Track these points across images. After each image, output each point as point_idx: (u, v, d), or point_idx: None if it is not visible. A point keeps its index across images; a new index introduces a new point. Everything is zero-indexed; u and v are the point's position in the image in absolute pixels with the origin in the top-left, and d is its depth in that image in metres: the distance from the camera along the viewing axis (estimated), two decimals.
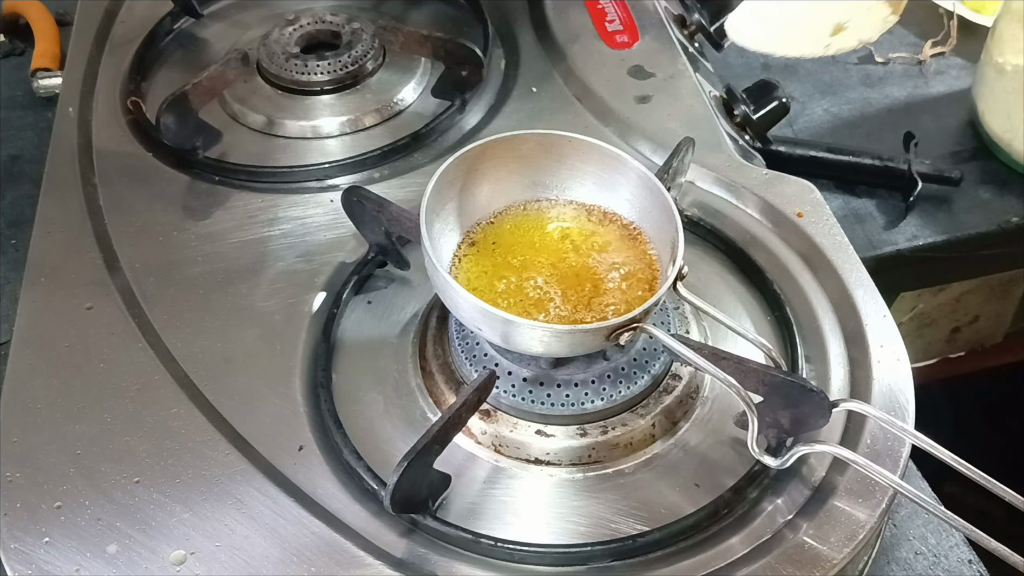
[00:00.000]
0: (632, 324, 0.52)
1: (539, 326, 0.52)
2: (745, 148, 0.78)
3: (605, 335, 0.52)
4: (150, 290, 0.66)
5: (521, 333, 0.52)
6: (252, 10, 0.91)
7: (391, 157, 0.76)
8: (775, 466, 0.52)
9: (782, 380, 0.53)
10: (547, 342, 0.52)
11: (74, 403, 0.59)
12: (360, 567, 0.51)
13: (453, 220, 0.59)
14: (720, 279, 0.67)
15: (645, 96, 0.79)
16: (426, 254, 0.54)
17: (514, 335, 0.52)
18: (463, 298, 0.52)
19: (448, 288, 0.53)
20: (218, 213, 0.72)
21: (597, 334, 0.51)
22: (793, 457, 0.52)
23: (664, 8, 0.88)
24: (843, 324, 0.63)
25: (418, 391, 0.61)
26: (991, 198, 0.89)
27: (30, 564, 0.51)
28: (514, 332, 0.52)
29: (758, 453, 0.51)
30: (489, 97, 0.81)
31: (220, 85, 0.78)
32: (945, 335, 1.04)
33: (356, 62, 0.81)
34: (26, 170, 0.86)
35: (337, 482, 0.55)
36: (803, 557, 0.51)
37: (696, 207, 0.71)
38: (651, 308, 0.52)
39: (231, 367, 0.61)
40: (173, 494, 0.54)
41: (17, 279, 0.69)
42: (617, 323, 0.51)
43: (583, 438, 0.57)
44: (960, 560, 0.59)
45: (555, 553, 0.52)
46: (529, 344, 0.53)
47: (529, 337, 0.52)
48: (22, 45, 0.99)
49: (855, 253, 0.66)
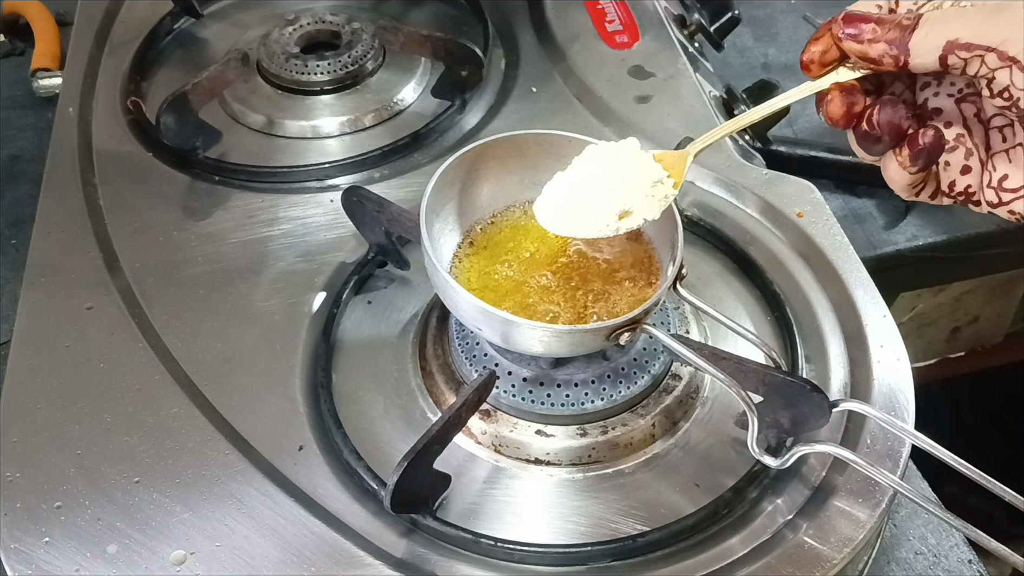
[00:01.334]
0: (632, 324, 0.52)
1: (539, 326, 0.52)
2: (745, 148, 0.78)
3: (605, 335, 0.52)
4: (150, 290, 0.66)
5: (521, 333, 0.52)
6: (252, 10, 0.91)
7: (391, 157, 0.76)
8: (775, 466, 0.52)
9: (782, 380, 0.53)
10: (547, 342, 0.52)
11: (74, 403, 0.59)
12: (360, 567, 0.51)
13: (453, 220, 0.59)
14: (720, 279, 0.67)
15: (645, 96, 0.79)
16: (426, 254, 0.54)
17: (514, 335, 0.52)
18: (463, 298, 0.52)
19: (448, 288, 0.53)
20: (218, 213, 0.72)
21: (597, 334, 0.52)
22: (793, 457, 0.52)
23: (664, 8, 0.88)
24: (843, 324, 0.63)
25: (418, 391, 0.61)
26: None
27: (30, 564, 0.51)
28: (514, 332, 0.52)
29: (758, 453, 0.51)
30: (489, 97, 0.81)
31: (220, 85, 0.78)
32: (945, 335, 1.04)
33: (356, 62, 0.81)
34: (26, 170, 0.86)
35: (337, 482, 0.55)
36: (803, 557, 0.51)
37: (696, 207, 0.71)
38: (651, 308, 0.52)
39: (231, 367, 0.61)
40: (173, 494, 0.54)
41: (17, 279, 0.69)
42: (617, 323, 0.51)
43: (583, 438, 0.57)
44: (960, 560, 0.59)
45: (555, 553, 0.52)
46: (529, 344, 0.53)
47: (529, 337, 0.52)
48: (22, 45, 0.99)
49: (855, 253, 0.66)
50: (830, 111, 0.45)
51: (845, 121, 0.46)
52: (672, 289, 0.54)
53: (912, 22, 0.42)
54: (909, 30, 0.42)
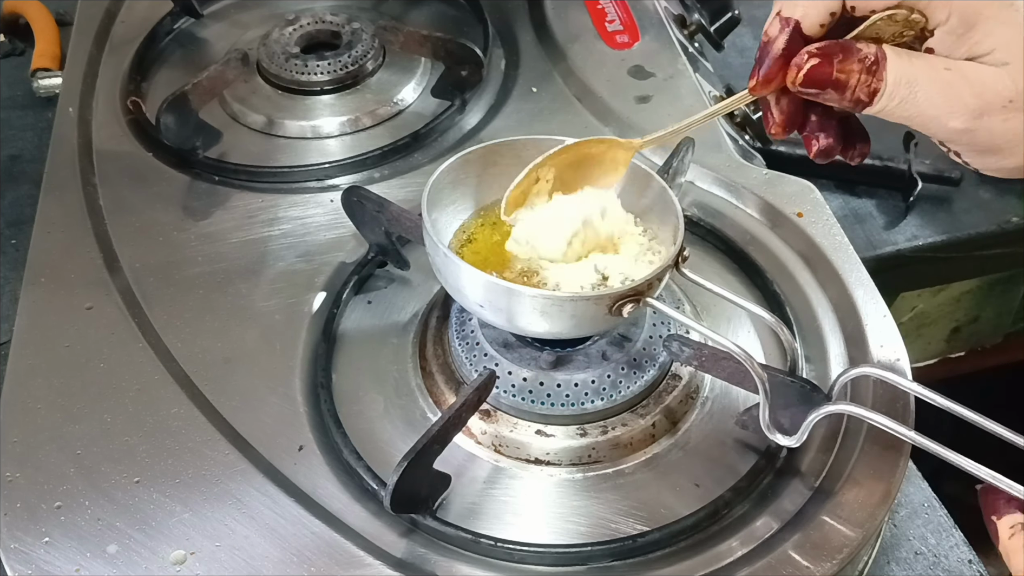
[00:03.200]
0: (635, 295, 0.51)
1: (540, 293, 0.51)
2: (745, 148, 0.78)
3: (608, 305, 0.51)
4: (150, 290, 0.66)
5: (522, 303, 0.51)
6: (252, 10, 0.91)
7: (391, 157, 0.76)
8: (790, 444, 0.51)
9: (782, 380, 0.53)
10: (550, 314, 0.51)
11: (74, 403, 0.59)
12: (360, 567, 0.51)
13: (452, 217, 0.59)
14: (720, 279, 0.67)
15: (645, 96, 0.79)
16: (426, 231, 0.53)
17: (515, 307, 0.52)
18: (464, 272, 0.51)
19: (449, 264, 0.52)
20: (218, 213, 0.72)
21: (600, 303, 0.51)
22: (807, 430, 0.51)
23: (664, 8, 0.88)
24: (843, 324, 0.63)
25: (418, 391, 0.61)
26: (991, 198, 0.89)
27: (30, 564, 0.51)
28: (515, 304, 0.51)
29: (771, 432, 0.51)
30: (489, 97, 0.81)
31: (220, 85, 0.78)
32: (945, 335, 1.04)
33: (356, 62, 0.81)
34: (26, 170, 0.86)
35: (337, 482, 0.55)
36: (803, 557, 0.51)
37: (696, 207, 0.71)
38: (653, 281, 0.52)
39: (231, 367, 0.61)
40: (173, 494, 0.54)
41: (17, 279, 0.69)
42: (620, 292, 0.51)
43: (583, 438, 0.57)
44: (960, 560, 0.59)
45: (555, 553, 0.52)
46: (531, 318, 0.52)
47: (531, 308, 0.51)
48: (22, 45, 0.99)
49: (855, 253, 0.66)
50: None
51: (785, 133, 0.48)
52: (675, 269, 0.54)
53: (869, 96, 0.43)
54: (867, 103, 0.43)
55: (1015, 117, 0.41)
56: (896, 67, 0.43)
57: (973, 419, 0.46)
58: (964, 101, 0.41)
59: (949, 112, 0.41)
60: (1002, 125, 0.41)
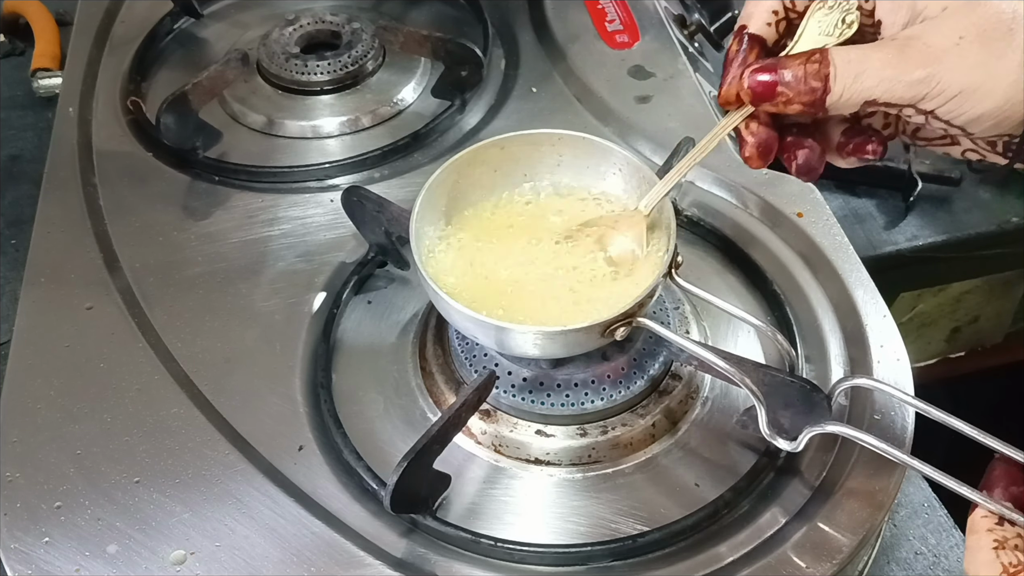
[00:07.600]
0: (626, 318, 0.51)
1: (531, 330, 0.51)
2: None
3: (599, 332, 0.51)
4: (150, 290, 0.66)
5: (514, 338, 0.52)
6: (252, 10, 0.91)
7: (391, 157, 0.76)
8: (790, 449, 0.51)
9: (782, 380, 0.53)
10: (541, 344, 0.52)
11: (74, 403, 0.59)
12: (360, 567, 0.51)
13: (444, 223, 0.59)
14: (720, 279, 0.67)
15: (645, 96, 0.79)
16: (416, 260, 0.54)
17: (508, 340, 0.52)
18: (455, 309, 0.52)
19: (440, 301, 0.53)
20: (218, 213, 0.72)
21: (591, 332, 0.51)
22: (805, 439, 0.51)
23: (664, 8, 0.88)
24: (843, 324, 0.63)
25: (418, 391, 0.61)
26: (991, 198, 0.89)
27: (30, 564, 0.51)
28: (507, 338, 0.52)
29: (771, 436, 0.51)
30: (489, 97, 0.81)
31: (220, 85, 0.78)
32: (945, 335, 1.04)
33: (356, 62, 0.81)
34: (26, 170, 0.86)
35: (337, 482, 0.55)
36: (802, 558, 0.51)
37: (696, 207, 0.71)
38: (644, 300, 0.52)
39: (231, 367, 0.61)
40: (173, 494, 0.54)
41: (17, 279, 0.69)
42: (610, 319, 0.51)
43: (583, 438, 0.57)
44: (960, 560, 0.59)
45: (555, 553, 0.52)
46: (524, 347, 0.53)
47: (523, 341, 0.52)
48: (22, 45, 0.99)
49: (855, 253, 0.66)
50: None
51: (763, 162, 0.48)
52: (668, 278, 0.54)
53: (822, 81, 0.43)
54: (822, 91, 0.44)
55: (969, 48, 0.42)
56: (840, 50, 0.44)
57: (971, 434, 0.46)
58: (917, 51, 0.42)
59: (906, 65, 0.42)
60: (960, 62, 0.42)
